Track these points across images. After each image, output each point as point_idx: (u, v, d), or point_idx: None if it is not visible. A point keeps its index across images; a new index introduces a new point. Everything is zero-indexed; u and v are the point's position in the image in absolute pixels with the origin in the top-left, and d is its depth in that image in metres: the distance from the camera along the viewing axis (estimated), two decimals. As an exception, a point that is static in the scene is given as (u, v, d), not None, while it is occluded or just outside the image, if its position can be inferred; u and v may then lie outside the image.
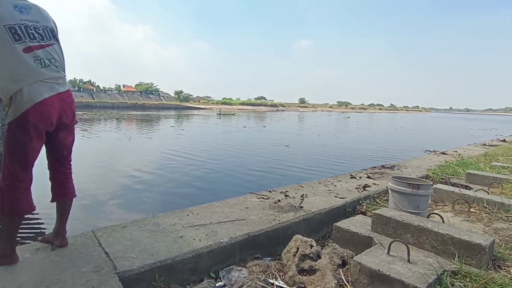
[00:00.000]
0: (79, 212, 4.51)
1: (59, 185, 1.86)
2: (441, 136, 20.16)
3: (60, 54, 1.79)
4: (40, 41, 1.67)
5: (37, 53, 1.63)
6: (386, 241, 1.98)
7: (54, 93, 1.65)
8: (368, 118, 51.54)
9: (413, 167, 5.13)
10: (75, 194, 1.93)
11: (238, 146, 12.19)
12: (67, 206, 1.91)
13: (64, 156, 1.85)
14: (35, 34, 1.65)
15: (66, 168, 1.88)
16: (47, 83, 1.63)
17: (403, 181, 2.57)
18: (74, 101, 1.83)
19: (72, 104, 1.80)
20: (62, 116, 1.71)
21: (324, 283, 1.67)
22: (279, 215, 2.55)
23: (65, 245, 1.86)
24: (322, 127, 25.50)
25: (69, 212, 1.94)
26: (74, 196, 1.93)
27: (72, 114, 1.79)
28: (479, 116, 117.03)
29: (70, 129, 1.83)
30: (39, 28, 1.68)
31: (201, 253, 1.91)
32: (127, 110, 51.58)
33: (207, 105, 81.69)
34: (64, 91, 1.72)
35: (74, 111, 1.82)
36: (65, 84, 1.77)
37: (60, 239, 1.87)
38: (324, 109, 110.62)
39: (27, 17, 1.65)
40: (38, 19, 1.70)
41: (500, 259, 1.95)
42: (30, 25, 1.65)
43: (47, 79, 1.64)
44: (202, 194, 5.69)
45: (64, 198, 1.89)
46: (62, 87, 1.72)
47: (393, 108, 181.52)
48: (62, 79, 1.74)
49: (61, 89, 1.70)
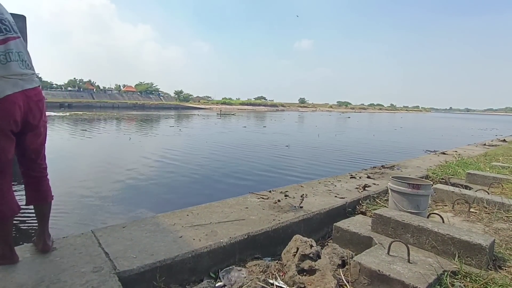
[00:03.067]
0: (79, 212, 4.52)
1: (31, 190, 1.76)
2: (441, 136, 20.16)
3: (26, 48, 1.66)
4: (6, 33, 1.55)
5: (1, 47, 1.52)
6: (386, 241, 1.98)
7: (19, 89, 1.52)
8: (368, 118, 51.55)
9: (413, 167, 5.13)
10: (51, 197, 1.83)
11: (238, 146, 12.18)
12: (43, 209, 1.81)
13: (33, 160, 1.73)
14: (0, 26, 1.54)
15: (37, 172, 1.77)
16: (11, 79, 1.51)
17: (403, 181, 2.56)
18: (44, 99, 1.70)
19: (40, 102, 1.65)
20: (28, 115, 1.58)
21: (324, 283, 1.67)
22: (279, 215, 2.55)
23: (47, 250, 1.76)
24: (322, 127, 25.49)
25: (48, 216, 1.84)
26: (50, 200, 1.83)
27: (40, 113, 1.65)
28: (479, 116, 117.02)
29: (37, 131, 1.69)
30: (4, 20, 1.57)
31: (201, 253, 1.91)
32: (127, 110, 51.57)
33: (207, 105, 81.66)
34: (31, 88, 1.59)
35: (43, 110, 1.68)
36: (33, 80, 1.63)
37: (42, 244, 1.77)
38: (324, 109, 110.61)
39: None
40: (2, 11, 1.60)
41: (500, 259, 1.95)
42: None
43: (11, 74, 1.52)
44: (202, 194, 5.68)
45: (38, 202, 1.79)
46: (29, 83, 1.59)
47: (393, 108, 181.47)
48: (28, 75, 1.61)
49: (26, 86, 1.57)
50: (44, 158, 1.81)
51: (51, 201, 1.85)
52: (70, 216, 4.32)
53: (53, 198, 1.85)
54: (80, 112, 36.09)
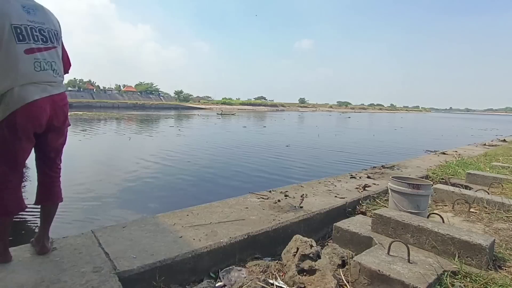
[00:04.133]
0: (79, 212, 4.51)
1: (44, 188, 1.81)
2: (441, 136, 20.15)
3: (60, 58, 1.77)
4: (43, 43, 1.66)
5: (38, 55, 1.62)
6: (386, 241, 1.98)
7: (46, 95, 1.63)
8: (368, 118, 51.54)
9: (413, 167, 5.13)
10: (61, 199, 1.87)
11: (238, 146, 12.18)
12: (51, 210, 1.84)
13: (52, 159, 1.79)
14: (40, 36, 1.65)
15: (53, 171, 1.82)
16: (40, 85, 1.62)
17: (403, 181, 2.56)
18: (68, 103, 1.80)
19: (65, 106, 1.76)
20: (53, 118, 1.68)
21: (324, 283, 1.66)
22: (279, 215, 2.55)
23: (45, 252, 1.78)
24: (322, 127, 25.49)
25: (52, 218, 1.86)
26: (60, 201, 1.87)
27: (64, 116, 1.76)
28: (479, 116, 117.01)
29: (60, 132, 1.78)
30: (44, 30, 1.68)
31: (201, 253, 1.91)
32: (127, 110, 51.58)
33: (207, 105, 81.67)
34: (57, 94, 1.70)
35: (67, 114, 1.78)
36: (60, 86, 1.74)
37: (40, 245, 1.78)
38: (324, 109, 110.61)
39: (34, 19, 1.65)
40: (44, 21, 1.70)
41: (500, 259, 1.95)
42: (36, 26, 1.65)
43: (42, 81, 1.62)
44: (202, 194, 5.68)
45: (48, 202, 1.82)
46: (56, 89, 1.69)
47: (393, 108, 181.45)
48: (57, 83, 1.72)
49: (54, 91, 1.67)
50: (61, 159, 1.87)
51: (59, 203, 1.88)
52: (70, 216, 4.31)
53: (62, 200, 1.88)
54: (80, 112, 36.06)
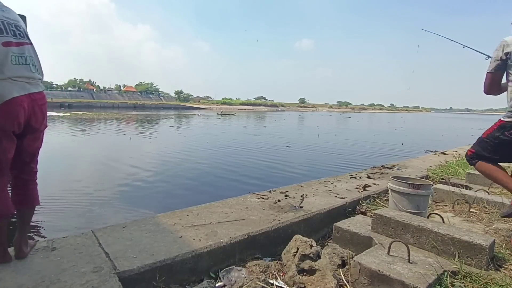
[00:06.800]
0: (79, 212, 4.51)
1: (18, 192, 1.73)
2: (442, 136, 20.15)
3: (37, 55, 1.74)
4: (21, 38, 1.64)
5: (14, 49, 1.57)
6: (386, 241, 1.98)
7: (25, 92, 1.57)
8: (369, 118, 51.53)
9: (413, 167, 5.13)
10: (37, 202, 1.79)
11: (239, 146, 12.18)
12: (25, 214, 1.76)
13: (26, 163, 1.73)
14: (16, 31, 1.62)
15: (26, 175, 1.75)
16: (18, 82, 1.56)
17: (403, 181, 2.56)
18: (47, 103, 1.75)
19: (44, 106, 1.71)
20: (31, 118, 1.63)
21: (324, 283, 1.67)
22: (279, 215, 2.55)
23: (22, 257, 1.71)
24: (323, 127, 25.48)
25: (29, 222, 1.80)
26: (36, 204, 1.79)
27: (42, 117, 1.70)
28: (479, 116, 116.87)
29: (37, 135, 1.72)
30: (19, 27, 1.66)
31: (201, 253, 1.91)
32: (127, 110, 51.59)
33: (207, 105, 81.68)
34: (36, 92, 1.65)
35: (45, 114, 1.73)
36: (38, 85, 1.69)
37: (17, 250, 1.71)
38: (324, 109, 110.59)
39: (8, 16, 1.63)
40: (17, 19, 1.69)
41: (500, 259, 1.94)
42: (12, 22, 1.62)
43: (19, 77, 1.57)
44: (202, 194, 5.68)
45: (23, 206, 1.74)
46: (34, 87, 1.65)
47: (393, 108, 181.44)
48: (36, 80, 1.67)
49: (32, 90, 1.63)
50: (36, 162, 1.81)
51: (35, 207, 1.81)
52: (70, 216, 4.32)
53: (39, 203, 1.81)
54: (80, 112, 36.11)
